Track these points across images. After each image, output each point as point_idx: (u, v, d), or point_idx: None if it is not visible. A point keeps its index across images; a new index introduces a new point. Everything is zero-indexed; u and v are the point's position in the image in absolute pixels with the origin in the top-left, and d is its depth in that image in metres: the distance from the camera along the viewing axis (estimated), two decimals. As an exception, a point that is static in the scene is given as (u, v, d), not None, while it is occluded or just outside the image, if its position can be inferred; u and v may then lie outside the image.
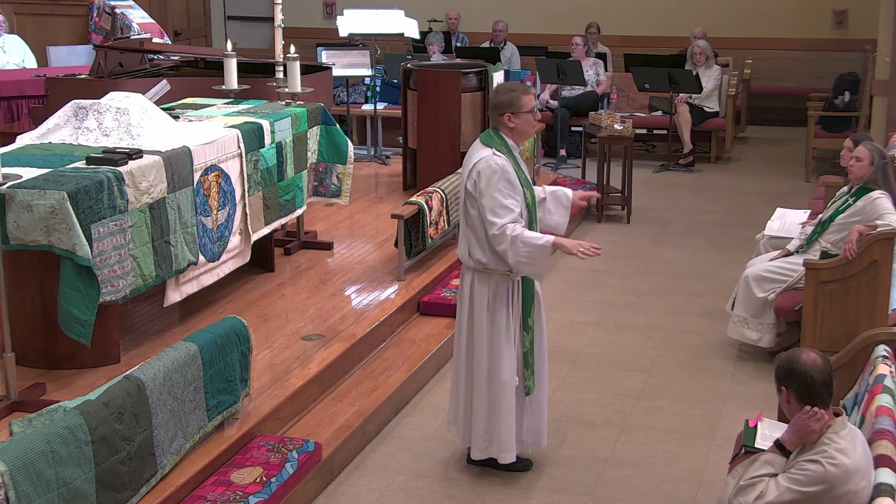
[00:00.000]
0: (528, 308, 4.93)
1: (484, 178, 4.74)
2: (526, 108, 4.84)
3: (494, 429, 4.96)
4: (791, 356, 3.55)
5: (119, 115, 5.69)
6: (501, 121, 4.85)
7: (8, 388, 4.87)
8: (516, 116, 4.82)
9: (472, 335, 4.95)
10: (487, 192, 4.72)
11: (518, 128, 4.86)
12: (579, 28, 13.09)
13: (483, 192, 4.74)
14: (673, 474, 5.14)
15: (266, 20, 14.16)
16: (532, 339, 4.97)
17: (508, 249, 4.71)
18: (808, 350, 3.59)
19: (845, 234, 5.99)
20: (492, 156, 4.77)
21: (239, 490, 4.43)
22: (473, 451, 5.05)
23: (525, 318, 4.93)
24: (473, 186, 4.78)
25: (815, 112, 11.38)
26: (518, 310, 4.90)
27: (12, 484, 3.45)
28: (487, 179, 4.73)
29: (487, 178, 4.73)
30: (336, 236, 7.84)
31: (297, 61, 7.21)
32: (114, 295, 5.07)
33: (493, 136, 4.86)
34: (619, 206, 9.84)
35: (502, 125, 4.86)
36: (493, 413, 4.94)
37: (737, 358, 6.58)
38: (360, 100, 11.62)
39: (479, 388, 4.94)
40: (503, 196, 4.72)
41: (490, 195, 4.72)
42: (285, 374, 5.46)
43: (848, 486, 3.39)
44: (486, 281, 4.88)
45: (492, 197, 4.72)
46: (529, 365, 4.97)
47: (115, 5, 10.85)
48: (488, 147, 4.82)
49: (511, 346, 4.90)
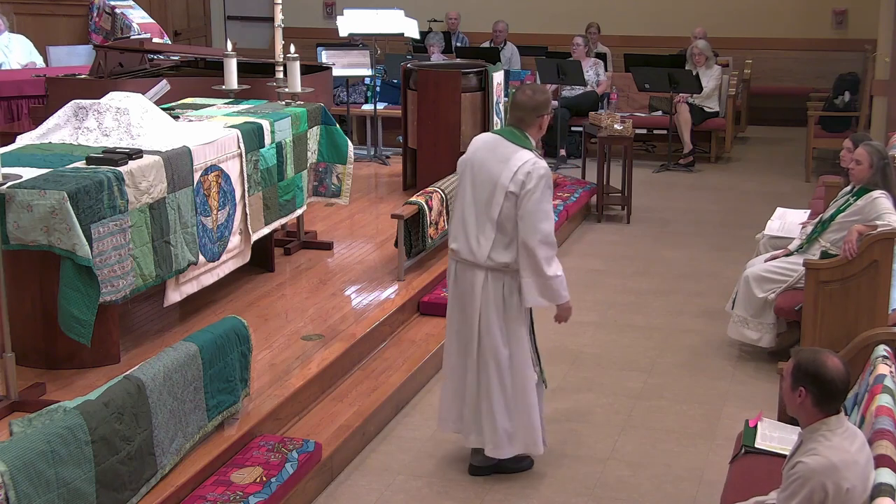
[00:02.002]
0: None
1: (534, 180, 4.69)
2: (549, 111, 4.90)
3: (523, 423, 4.93)
4: (816, 360, 3.47)
5: (119, 115, 5.69)
6: (537, 122, 4.83)
7: (8, 388, 4.87)
8: (543, 118, 4.86)
9: (486, 334, 4.88)
10: (541, 196, 4.69)
11: (543, 129, 4.90)
12: (579, 28, 13.09)
13: (533, 196, 4.68)
14: (673, 474, 5.14)
15: (266, 20, 14.17)
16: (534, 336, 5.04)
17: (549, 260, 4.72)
18: (831, 354, 3.53)
19: (845, 233, 5.99)
20: (538, 159, 4.76)
21: (239, 490, 4.43)
22: (493, 450, 4.96)
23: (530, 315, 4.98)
24: (520, 187, 4.70)
25: (815, 112, 11.38)
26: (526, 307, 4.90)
27: (12, 484, 3.45)
28: (538, 183, 4.69)
29: (537, 181, 4.69)
30: (336, 236, 7.84)
31: (297, 61, 7.21)
32: (114, 295, 5.07)
33: (522, 137, 4.82)
34: (619, 206, 9.84)
35: (533, 126, 4.84)
36: (520, 407, 4.91)
37: (737, 358, 6.58)
38: (360, 100, 11.62)
39: (500, 386, 4.89)
40: (549, 203, 4.74)
41: (541, 199, 4.69)
42: (285, 374, 5.46)
43: (832, 482, 3.35)
44: (501, 279, 4.83)
45: (543, 201, 4.70)
46: (539, 360, 5.04)
47: (115, 5, 10.85)
48: (526, 149, 4.78)
49: (529, 341, 4.93)
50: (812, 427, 3.50)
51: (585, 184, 10.11)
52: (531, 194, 4.68)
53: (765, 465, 4.27)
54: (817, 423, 3.49)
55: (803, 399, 3.49)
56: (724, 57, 12.90)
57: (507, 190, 4.71)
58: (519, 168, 4.71)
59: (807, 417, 3.52)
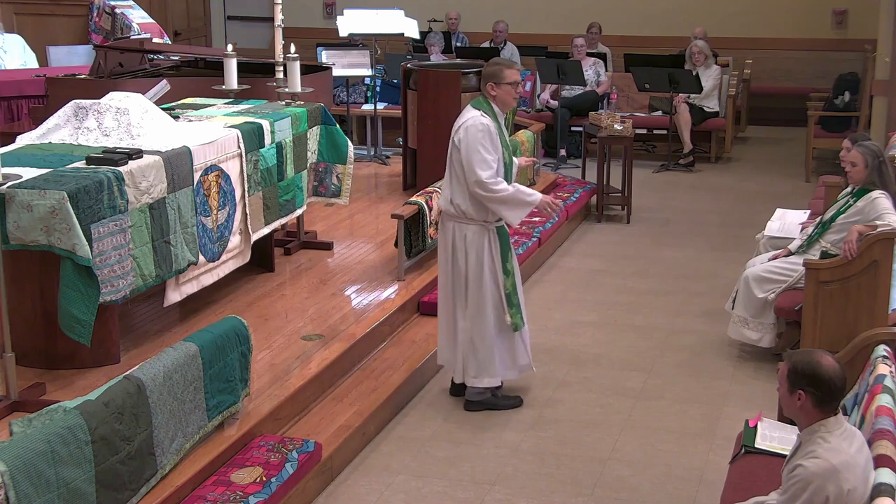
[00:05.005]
0: (505, 254, 5.64)
1: (470, 134, 5.46)
2: (506, 80, 5.54)
3: (481, 359, 5.67)
4: (812, 361, 3.47)
5: (119, 115, 5.69)
6: (486, 89, 5.58)
7: (8, 388, 4.87)
8: (498, 87, 5.55)
9: (456, 279, 5.66)
10: (473, 146, 5.44)
11: (500, 97, 5.57)
12: (579, 28, 13.09)
13: (462, 145, 5.47)
14: (673, 474, 5.14)
15: (266, 20, 14.17)
16: (514, 283, 5.67)
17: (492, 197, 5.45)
18: (824, 353, 3.53)
19: (845, 234, 5.99)
20: (479, 116, 5.51)
21: (239, 490, 4.43)
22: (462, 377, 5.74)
23: (504, 263, 5.63)
24: (460, 141, 5.50)
25: (815, 112, 11.38)
26: (497, 255, 5.60)
27: (12, 484, 3.45)
28: (473, 136, 5.45)
29: (473, 134, 5.46)
30: (336, 236, 7.84)
31: (297, 61, 7.21)
32: (114, 295, 5.07)
33: (481, 102, 5.61)
34: (619, 206, 9.84)
35: (487, 93, 5.58)
36: (479, 345, 5.66)
37: (737, 358, 6.58)
38: (360, 100, 11.62)
39: (468, 325, 5.65)
40: (486, 151, 5.45)
41: (475, 149, 5.44)
42: (285, 374, 5.46)
43: (833, 485, 3.35)
44: (464, 229, 5.59)
45: (476, 151, 5.44)
46: (514, 304, 5.67)
47: (115, 5, 10.84)
48: (477, 110, 5.56)
49: (494, 288, 5.61)
50: (811, 429, 3.49)
51: (585, 184, 10.11)
52: (462, 143, 5.48)
53: (765, 465, 4.27)
54: (816, 424, 3.48)
55: (803, 402, 3.48)
56: (724, 57, 12.90)
57: (454, 143, 5.55)
58: (462, 124, 5.54)
59: (806, 419, 3.52)
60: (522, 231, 8.16)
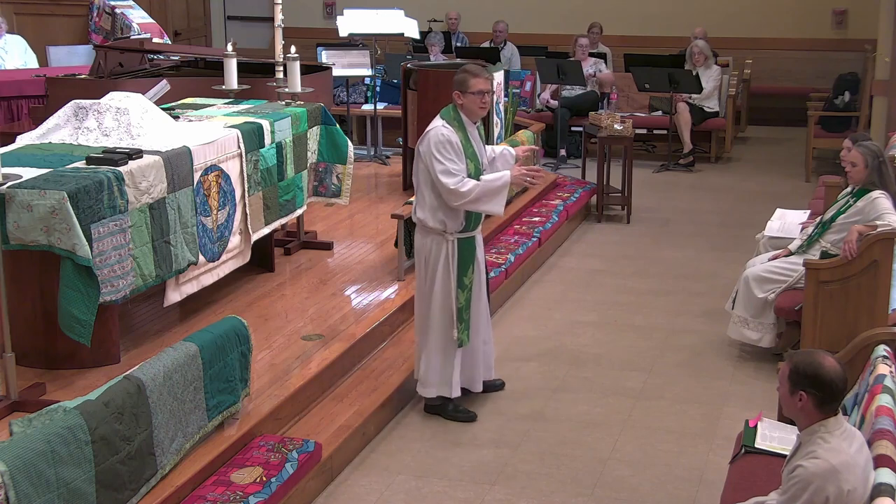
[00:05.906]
0: (464, 268, 5.51)
1: (431, 144, 5.37)
2: (471, 90, 5.43)
3: (424, 370, 5.63)
4: (813, 362, 3.47)
5: (119, 115, 5.69)
6: (454, 97, 5.49)
7: (8, 388, 4.87)
8: (464, 95, 5.45)
9: (419, 288, 5.63)
10: (435, 157, 5.34)
11: (465, 105, 5.47)
12: (579, 28, 13.09)
13: (428, 158, 5.37)
14: (673, 474, 5.14)
15: (266, 20, 14.17)
16: (468, 298, 5.55)
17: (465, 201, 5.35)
18: (826, 354, 3.52)
19: (845, 234, 5.99)
20: (441, 127, 5.40)
21: (239, 490, 4.43)
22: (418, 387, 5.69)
23: (461, 276, 5.51)
24: (423, 153, 5.42)
25: (815, 112, 11.38)
26: (454, 269, 5.48)
27: (12, 484, 3.45)
28: (435, 146, 5.36)
29: (434, 145, 5.36)
30: (336, 236, 7.84)
31: (297, 61, 7.21)
32: (114, 295, 5.07)
33: (449, 111, 5.50)
34: (619, 206, 9.84)
35: (454, 101, 5.49)
36: (423, 356, 5.62)
37: (737, 358, 6.58)
38: (360, 100, 11.62)
39: (425, 334, 5.62)
40: (447, 160, 5.33)
41: (436, 159, 5.34)
42: (285, 374, 5.46)
43: (833, 485, 3.35)
44: (425, 239, 5.55)
45: (437, 161, 5.34)
46: (464, 320, 5.55)
47: (115, 5, 10.85)
48: (442, 119, 5.47)
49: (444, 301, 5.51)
50: (810, 429, 3.49)
51: (585, 184, 10.11)
52: (424, 155, 5.41)
53: (765, 465, 4.27)
54: (816, 424, 3.48)
55: (804, 402, 3.48)
56: (724, 57, 12.90)
57: (419, 152, 5.47)
58: (424, 136, 5.46)
59: (807, 420, 3.51)
60: (522, 231, 8.16)
